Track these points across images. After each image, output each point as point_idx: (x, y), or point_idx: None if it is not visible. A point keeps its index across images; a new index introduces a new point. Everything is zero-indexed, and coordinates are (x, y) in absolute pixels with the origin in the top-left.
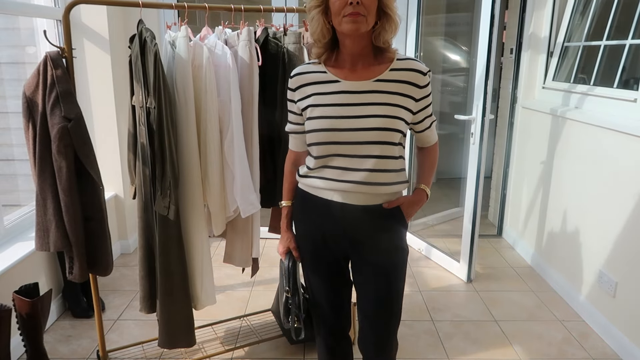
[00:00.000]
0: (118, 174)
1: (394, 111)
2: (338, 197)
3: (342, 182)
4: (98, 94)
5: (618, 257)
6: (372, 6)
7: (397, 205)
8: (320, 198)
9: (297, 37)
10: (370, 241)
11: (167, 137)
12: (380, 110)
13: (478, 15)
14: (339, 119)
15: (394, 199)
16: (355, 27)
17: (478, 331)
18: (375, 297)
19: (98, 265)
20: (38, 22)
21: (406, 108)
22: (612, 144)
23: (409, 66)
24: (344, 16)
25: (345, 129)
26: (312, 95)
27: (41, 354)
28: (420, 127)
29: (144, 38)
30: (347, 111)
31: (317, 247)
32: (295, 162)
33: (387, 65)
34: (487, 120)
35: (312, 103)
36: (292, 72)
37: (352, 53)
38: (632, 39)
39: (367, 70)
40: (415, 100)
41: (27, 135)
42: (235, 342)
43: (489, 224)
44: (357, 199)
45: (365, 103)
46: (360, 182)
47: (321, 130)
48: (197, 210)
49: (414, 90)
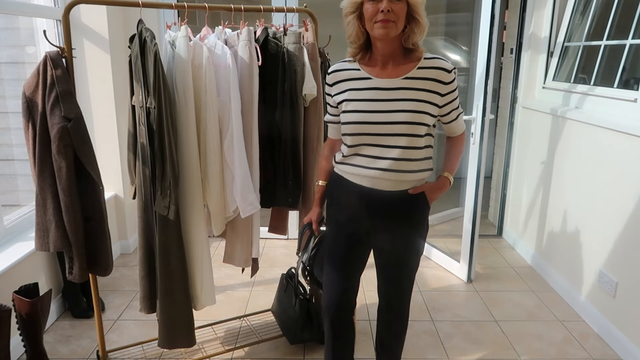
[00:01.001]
0: (118, 174)
1: (420, 106)
2: (367, 182)
3: (371, 169)
4: (98, 94)
5: (618, 257)
6: (402, 13)
7: (422, 192)
8: (352, 183)
9: (297, 37)
10: (395, 223)
11: (167, 137)
12: (407, 105)
13: (478, 15)
14: (370, 113)
15: (419, 186)
16: (385, 32)
17: (478, 331)
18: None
19: (98, 265)
20: (38, 22)
21: (432, 103)
22: (612, 144)
23: (435, 65)
24: (376, 22)
25: (375, 122)
26: (347, 91)
27: (41, 354)
28: (447, 118)
29: (143, 38)
30: (377, 106)
31: (343, 223)
32: (332, 148)
33: (415, 64)
34: (487, 120)
35: (347, 98)
36: (330, 69)
37: (384, 54)
38: (632, 39)
39: (397, 68)
40: (441, 95)
41: (26, 135)
42: (235, 342)
43: (489, 224)
44: (384, 185)
45: (394, 99)
46: (387, 170)
47: (354, 122)
48: (197, 211)
49: (440, 86)
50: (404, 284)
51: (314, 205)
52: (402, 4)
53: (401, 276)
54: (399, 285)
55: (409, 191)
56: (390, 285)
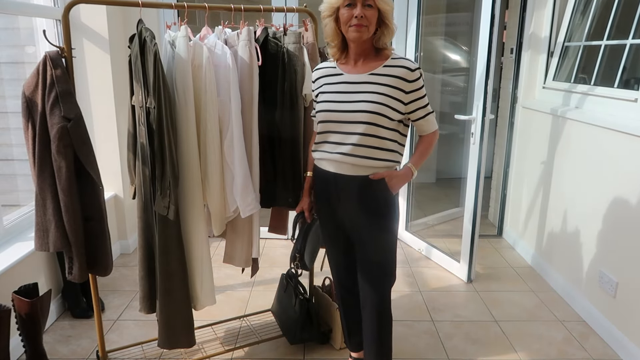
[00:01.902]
0: (118, 174)
1: (381, 99)
2: (332, 167)
3: (334, 153)
4: (98, 94)
5: (618, 257)
6: (373, 18)
7: (383, 178)
8: (322, 169)
9: (297, 37)
10: (359, 206)
11: (167, 137)
12: (369, 97)
13: (478, 15)
14: (336, 103)
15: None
16: (359, 35)
17: (478, 331)
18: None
19: (98, 265)
20: (37, 21)
21: (395, 98)
22: (613, 144)
23: (399, 64)
24: (350, 26)
25: (339, 110)
26: (323, 85)
27: (41, 354)
28: (414, 116)
29: (143, 38)
30: (343, 97)
31: (325, 209)
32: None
33: (382, 62)
34: (487, 120)
35: (322, 90)
36: (314, 68)
37: (356, 52)
38: (632, 38)
39: (366, 65)
40: (405, 92)
41: (26, 135)
42: (235, 342)
43: (489, 224)
44: (346, 169)
45: (358, 91)
46: (347, 154)
47: (322, 111)
48: (197, 211)
49: (403, 83)
50: (373, 268)
51: (304, 195)
52: (374, 11)
53: (369, 257)
54: (369, 270)
55: (370, 176)
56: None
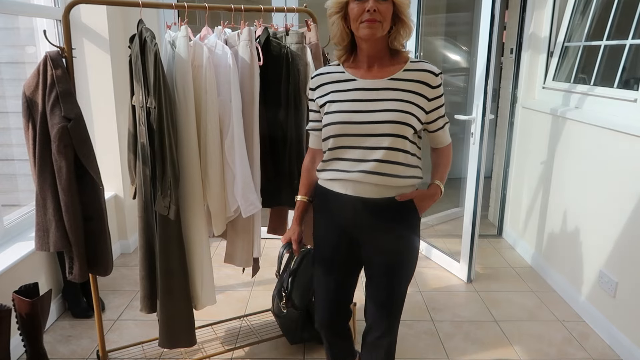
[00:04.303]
0: (118, 174)
1: (406, 107)
2: (350, 189)
3: (353, 172)
4: (98, 94)
5: (618, 257)
6: (388, 13)
7: (411, 199)
8: (334, 193)
9: (299, 37)
10: (383, 234)
11: (168, 137)
12: (393, 105)
13: (478, 15)
14: (353, 113)
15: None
16: (371, 32)
17: (478, 331)
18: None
19: (98, 265)
20: (38, 22)
21: (419, 106)
22: (612, 144)
23: (421, 67)
24: (362, 22)
25: (358, 122)
26: (331, 93)
27: (41, 354)
28: (433, 126)
29: (144, 38)
30: (361, 106)
31: (328, 237)
32: (313, 159)
33: (401, 66)
34: (487, 120)
35: (330, 99)
36: (314, 73)
37: (369, 55)
38: (632, 39)
39: (383, 70)
40: (428, 99)
41: (27, 135)
42: (235, 342)
43: (489, 224)
44: (369, 191)
45: (379, 99)
46: (370, 172)
47: (336, 123)
48: (198, 210)
49: (426, 89)
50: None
51: (293, 224)
52: (388, 4)
53: (388, 291)
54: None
55: (397, 198)
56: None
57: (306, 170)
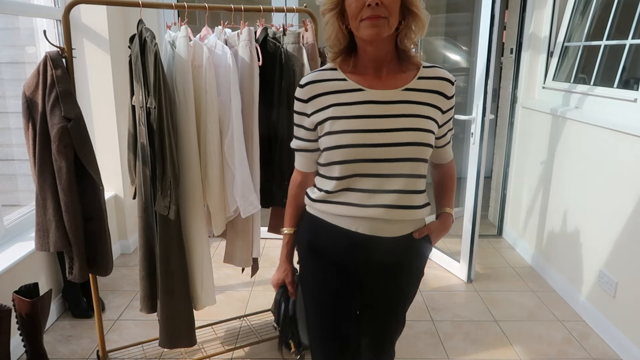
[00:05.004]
0: (118, 174)
1: (425, 124)
2: (364, 227)
3: (370, 207)
4: (98, 94)
5: (618, 257)
6: (394, 6)
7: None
8: (340, 228)
9: (295, 37)
10: (393, 276)
11: (168, 137)
12: (412, 122)
13: (478, 15)
14: (367, 132)
15: (422, 227)
16: (375, 32)
17: (478, 331)
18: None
19: (98, 265)
20: (38, 22)
21: (435, 120)
22: (612, 144)
23: (437, 74)
24: (362, 20)
25: (376, 144)
26: (332, 107)
27: (41, 354)
28: (442, 141)
29: (144, 38)
30: (376, 124)
31: (328, 281)
32: (303, 184)
33: (414, 73)
34: (487, 120)
35: (333, 115)
36: (303, 80)
37: (376, 59)
38: (632, 39)
39: (394, 77)
40: (442, 112)
41: (27, 135)
42: (235, 342)
43: (489, 224)
44: (387, 229)
45: (396, 115)
46: (391, 206)
47: (346, 146)
48: (197, 210)
49: (442, 101)
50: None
51: (283, 262)
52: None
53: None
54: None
55: (414, 235)
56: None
57: (294, 197)
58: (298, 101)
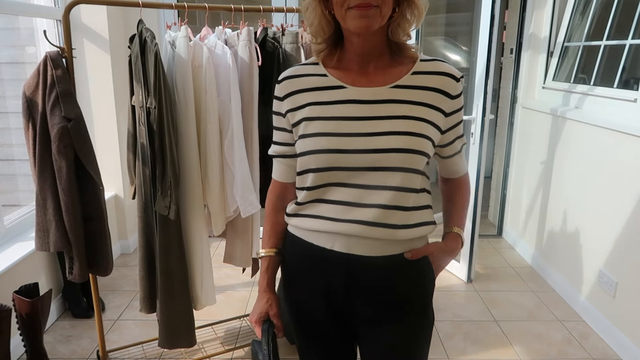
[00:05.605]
0: (118, 174)
1: (418, 127)
2: (340, 244)
3: (346, 222)
4: (98, 94)
5: (618, 257)
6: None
7: (425, 256)
8: (314, 246)
9: (294, 37)
10: (386, 306)
11: (168, 137)
12: (402, 125)
13: (478, 15)
14: (346, 136)
15: (420, 247)
16: (364, 24)
17: (478, 331)
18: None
19: (98, 265)
20: (38, 22)
21: (434, 124)
22: (612, 144)
23: (437, 69)
24: (350, 8)
25: (355, 150)
26: (308, 106)
27: (41, 354)
28: (448, 151)
29: (144, 38)
30: (356, 127)
31: (312, 315)
32: (282, 196)
33: (408, 68)
34: (487, 120)
35: (308, 115)
36: (281, 75)
37: (363, 52)
38: (632, 39)
39: (382, 73)
40: (445, 114)
41: (27, 135)
42: (235, 342)
43: (489, 224)
44: (368, 248)
45: (382, 117)
46: (371, 223)
47: (320, 151)
48: (197, 210)
49: (444, 101)
50: None
51: (263, 291)
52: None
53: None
54: None
55: (406, 255)
56: None
57: (272, 211)
58: (275, 99)
